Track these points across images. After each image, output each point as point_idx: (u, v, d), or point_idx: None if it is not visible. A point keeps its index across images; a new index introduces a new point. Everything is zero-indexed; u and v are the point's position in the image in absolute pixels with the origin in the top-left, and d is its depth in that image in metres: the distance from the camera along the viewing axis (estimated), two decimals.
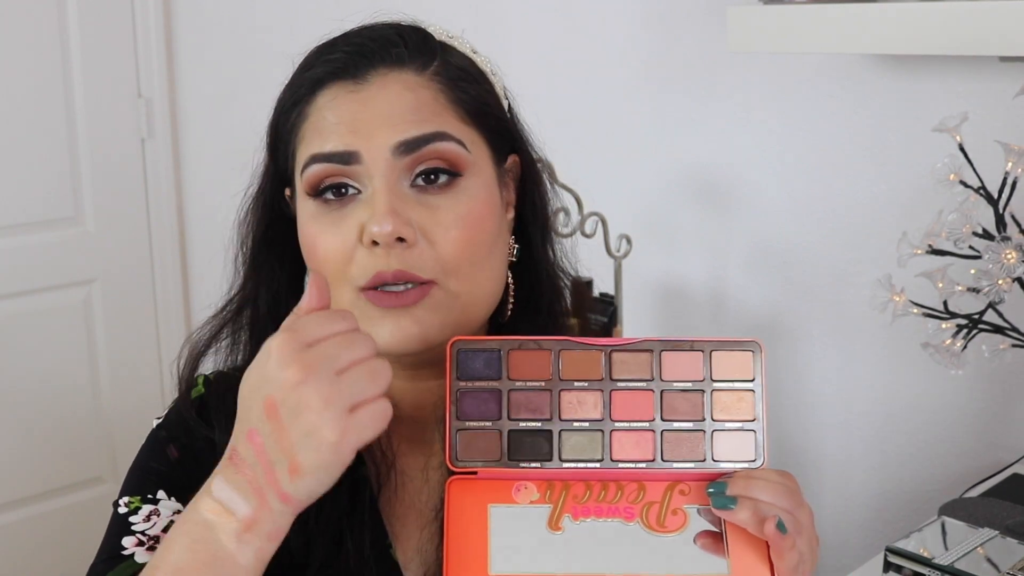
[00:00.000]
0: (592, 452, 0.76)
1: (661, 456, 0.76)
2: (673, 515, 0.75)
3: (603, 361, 0.77)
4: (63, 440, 2.81)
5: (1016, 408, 1.48)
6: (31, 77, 2.68)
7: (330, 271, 0.82)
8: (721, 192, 1.79)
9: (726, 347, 0.77)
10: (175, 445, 0.90)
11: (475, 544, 0.74)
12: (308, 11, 2.46)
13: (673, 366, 0.77)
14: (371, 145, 0.80)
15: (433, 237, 0.80)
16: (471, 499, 0.76)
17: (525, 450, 0.76)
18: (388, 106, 0.81)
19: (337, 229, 0.81)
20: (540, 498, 0.76)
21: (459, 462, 0.76)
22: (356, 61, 0.83)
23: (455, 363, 0.77)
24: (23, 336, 2.74)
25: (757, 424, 0.76)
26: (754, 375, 0.76)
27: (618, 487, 0.76)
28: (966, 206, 1.20)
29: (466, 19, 2.04)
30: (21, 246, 2.72)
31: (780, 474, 0.75)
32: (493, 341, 0.78)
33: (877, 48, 1.37)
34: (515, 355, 0.77)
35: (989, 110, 1.42)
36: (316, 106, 0.83)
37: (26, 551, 2.77)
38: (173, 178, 2.94)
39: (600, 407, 0.76)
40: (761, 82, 1.70)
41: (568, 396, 0.77)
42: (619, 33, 1.88)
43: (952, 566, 1.12)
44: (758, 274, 1.76)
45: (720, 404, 0.76)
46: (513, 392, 0.77)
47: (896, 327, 1.31)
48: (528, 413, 0.76)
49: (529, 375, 0.77)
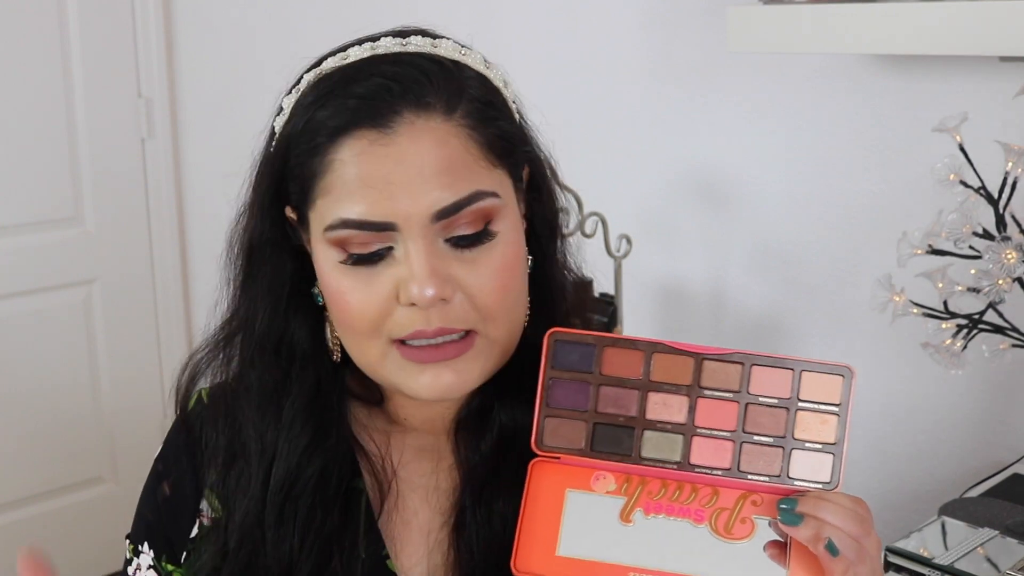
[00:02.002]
0: (671, 454, 0.78)
1: (738, 466, 0.77)
2: (741, 523, 0.76)
3: (693, 368, 0.78)
4: (63, 440, 2.81)
5: (1016, 408, 1.48)
6: (31, 77, 2.69)
7: (362, 327, 0.80)
8: (721, 192, 1.79)
9: (817, 368, 0.77)
10: (168, 482, 0.92)
11: (548, 525, 0.77)
12: (308, 11, 2.46)
13: (761, 381, 0.77)
14: (407, 213, 0.77)
15: (471, 291, 0.79)
16: (551, 482, 0.78)
17: (607, 443, 0.78)
18: (421, 165, 0.77)
19: (369, 287, 0.79)
20: (616, 489, 0.78)
21: (543, 446, 0.79)
22: (380, 107, 0.78)
23: (551, 352, 0.79)
24: (23, 336, 2.74)
25: (837, 448, 0.77)
26: (841, 400, 0.77)
27: (692, 489, 0.77)
28: (966, 206, 1.20)
29: (466, 19, 2.04)
30: (21, 246, 2.72)
31: (853, 500, 0.75)
32: (589, 336, 0.79)
33: (877, 48, 1.37)
34: (609, 352, 0.79)
35: (989, 110, 1.42)
36: (340, 158, 0.79)
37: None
38: (173, 178, 2.94)
39: (684, 411, 0.78)
40: (761, 82, 1.70)
41: (655, 397, 0.78)
42: (619, 33, 1.88)
43: (952, 566, 1.12)
44: (758, 274, 1.76)
45: (803, 424, 0.77)
46: (603, 387, 0.79)
47: (896, 327, 1.31)
48: (615, 408, 0.78)
49: (620, 372, 0.78)
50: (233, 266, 0.89)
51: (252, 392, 0.87)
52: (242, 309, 0.89)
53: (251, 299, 0.88)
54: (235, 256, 0.89)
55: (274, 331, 0.87)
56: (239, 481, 0.87)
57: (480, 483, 0.86)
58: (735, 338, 1.78)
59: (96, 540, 2.81)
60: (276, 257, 0.86)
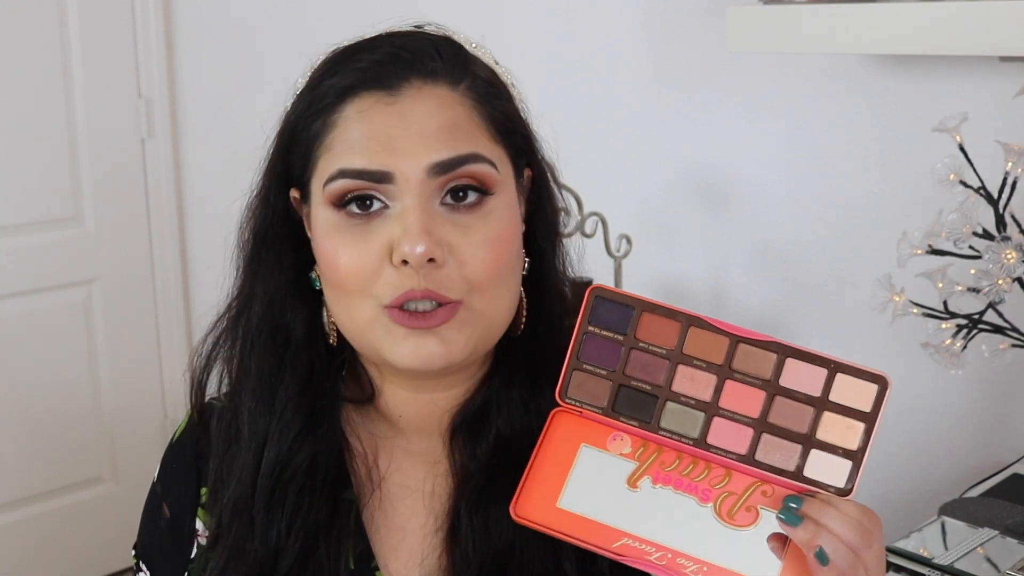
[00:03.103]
0: (690, 429, 0.76)
1: (753, 454, 0.76)
2: (747, 511, 0.75)
3: (728, 348, 0.77)
4: (63, 440, 2.81)
5: (1016, 408, 1.48)
6: (31, 77, 2.68)
7: (352, 285, 0.80)
8: (721, 192, 1.79)
9: (853, 373, 0.75)
10: (167, 503, 0.92)
11: (555, 475, 0.77)
12: (308, 11, 2.46)
13: (794, 374, 0.76)
14: (405, 165, 0.78)
15: (462, 257, 0.80)
16: (568, 433, 0.78)
17: (629, 406, 0.77)
18: (423, 124, 0.79)
19: (363, 244, 0.80)
20: (631, 453, 0.77)
21: (567, 398, 0.78)
22: (389, 71, 0.81)
23: (590, 307, 0.78)
24: (23, 336, 2.74)
25: (858, 456, 0.74)
26: (871, 408, 0.74)
27: (706, 466, 0.76)
28: (966, 206, 1.20)
29: (466, 19, 2.04)
30: (21, 246, 2.72)
31: (862, 511, 0.73)
32: (631, 297, 0.78)
33: (877, 48, 1.37)
34: (647, 317, 0.78)
35: (989, 110, 1.42)
36: (344, 115, 0.81)
37: (26, 551, 2.77)
38: (173, 178, 2.94)
39: (711, 390, 0.76)
40: (761, 82, 1.70)
41: (684, 370, 0.77)
42: (619, 33, 1.88)
43: (952, 566, 1.12)
44: (758, 274, 1.76)
45: (828, 425, 0.75)
46: (635, 351, 0.78)
47: (896, 327, 1.31)
48: (643, 374, 0.77)
49: (654, 340, 0.78)
50: (240, 251, 0.90)
51: (249, 376, 0.88)
52: (244, 293, 0.90)
53: (252, 284, 0.89)
54: (243, 240, 0.90)
55: (271, 316, 0.87)
56: (232, 465, 0.88)
57: (476, 490, 0.85)
58: None
59: (96, 540, 2.81)
60: (280, 243, 0.87)
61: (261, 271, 0.88)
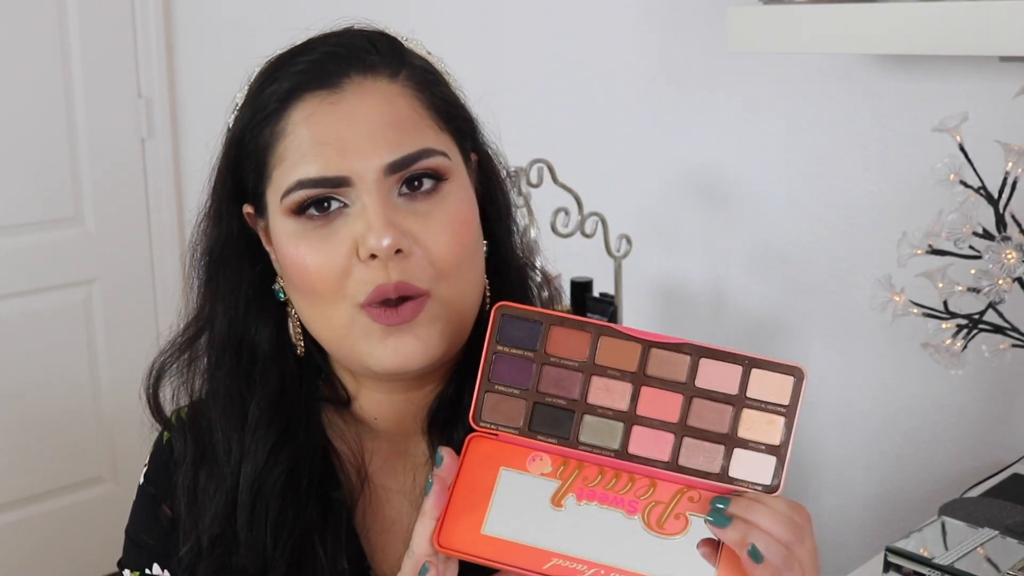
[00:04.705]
0: (610, 441, 0.75)
1: (676, 460, 0.74)
2: (675, 519, 0.74)
3: (640, 355, 0.76)
4: (63, 440, 2.81)
5: (1016, 408, 1.48)
6: (31, 77, 2.69)
7: (324, 288, 0.80)
8: (721, 192, 1.79)
9: (767, 367, 0.74)
10: (167, 504, 0.91)
11: (477, 502, 0.75)
12: (308, 11, 2.46)
13: (709, 374, 0.75)
14: (360, 167, 0.79)
15: (426, 244, 0.80)
16: (486, 458, 0.76)
17: (546, 424, 0.76)
18: (371, 121, 0.80)
19: (327, 245, 0.80)
20: (552, 472, 0.76)
21: (481, 422, 0.77)
22: (328, 68, 0.81)
23: (497, 326, 0.77)
24: (23, 336, 2.74)
25: (781, 451, 0.74)
26: (789, 401, 0.74)
27: (630, 479, 0.75)
28: (966, 206, 1.20)
29: (466, 19, 2.04)
30: (21, 246, 2.72)
31: (791, 506, 0.73)
32: (537, 313, 0.78)
33: (877, 48, 1.37)
34: (556, 331, 0.77)
35: (989, 110, 1.42)
36: (292, 121, 0.81)
37: (26, 551, 2.77)
38: (173, 178, 2.94)
39: (627, 399, 0.75)
40: (761, 82, 1.70)
41: (598, 381, 0.76)
42: (619, 33, 1.88)
43: (952, 566, 1.11)
44: (758, 274, 1.76)
45: (748, 422, 0.74)
46: (546, 366, 0.77)
47: (896, 327, 1.31)
48: (556, 389, 0.76)
49: (565, 353, 0.76)
50: (195, 270, 0.90)
51: (218, 396, 0.88)
52: (204, 312, 0.89)
53: (212, 303, 0.88)
54: (197, 260, 0.89)
55: (234, 334, 0.87)
56: (207, 483, 0.87)
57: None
58: (735, 338, 1.78)
59: (96, 540, 2.81)
60: (236, 261, 0.87)
61: (220, 290, 0.88)
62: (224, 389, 0.87)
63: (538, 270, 0.95)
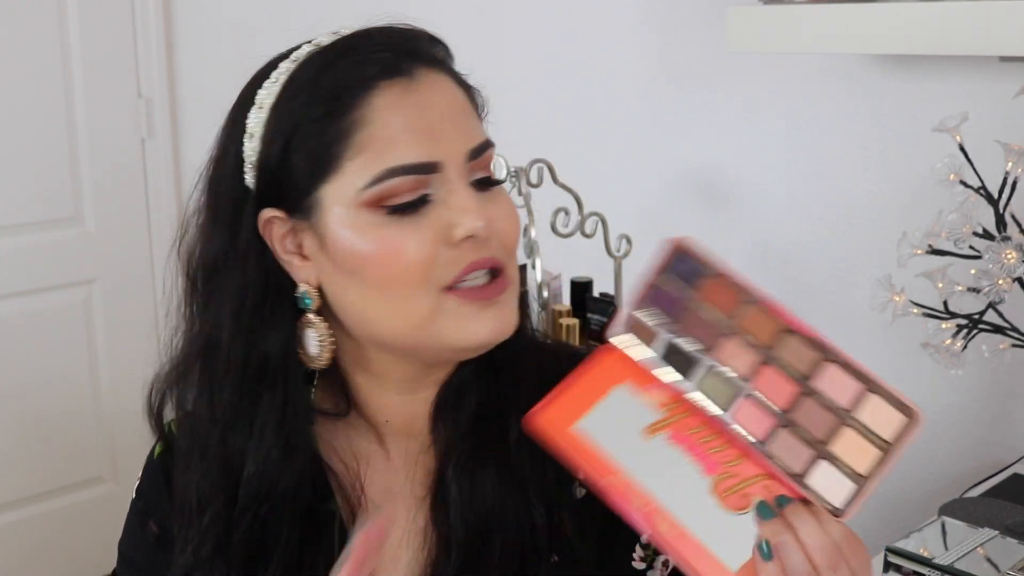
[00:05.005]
0: (719, 400, 0.76)
1: (767, 444, 0.74)
2: (740, 497, 0.73)
3: (775, 333, 0.76)
4: (63, 440, 2.81)
5: (1016, 408, 1.48)
6: (31, 77, 2.68)
7: (411, 277, 0.78)
8: (721, 192, 1.79)
9: (886, 397, 0.72)
10: (154, 520, 0.91)
11: (582, 401, 0.77)
12: (308, 11, 2.46)
13: (829, 379, 0.74)
14: (448, 153, 0.79)
15: (500, 225, 0.82)
16: (610, 369, 0.78)
17: (673, 362, 0.77)
18: (450, 109, 0.81)
19: (419, 233, 0.78)
20: (662, 404, 0.77)
21: (614, 336, 0.79)
22: (401, 58, 0.80)
23: (667, 258, 0.80)
24: (23, 336, 2.74)
25: (864, 482, 0.72)
26: (892, 439, 0.72)
27: (724, 443, 0.75)
28: (966, 206, 1.20)
29: (466, 19, 2.04)
30: (21, 246, 2.72)
31: (846, 536, 0.70)
32: (707, 260, 0.80)
33: (877, 48, 1.37)
34: (714, 282, 0.78)
35: (989, 110, 1.42)
36: (373, 108, 0.78)
37: (26, 551, 2.77)
38: (173, 178, 2.94)
39: (748, 369, 0.76)
40: (761, 82, 1.70)
41: (731, 342, 0.76)
42: (619, 33, 1.88)
43: (952, 566, 1.11)
44: (758, 274, 1.74)
45: (844, 440, 0.72)
46: (693, 310, 0.78)
47: (896, 327, 1.31)
48: (694, 334, 0.77)
49: (714, 304, 0.78)
50: (191, 284, 0.88)
51: (218, 413, 0.85)
52: (209, 323, 0.86)
53: (214, 318, 0.85)
54: (192, 274, 0.88)
55: (239, 349, 0.83)
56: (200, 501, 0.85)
57: (460, 454, 0.85)
58: None
59: (96, 540, 2.80)
60: (243, 268, 0.84)
61: (223, 302, 0.85)
62: (228, 406, 0.84)
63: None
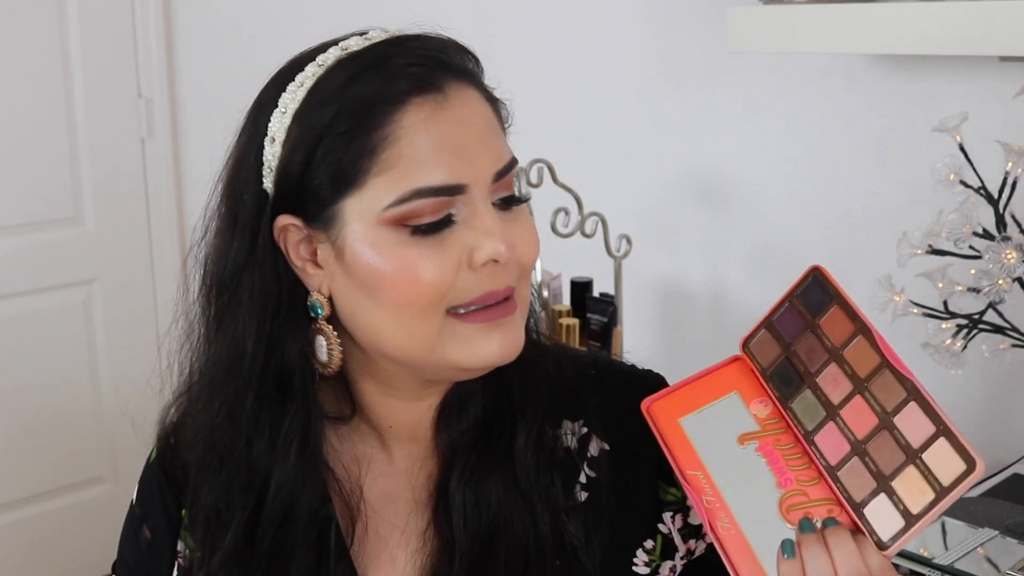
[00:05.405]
0: (808, 421, 0.80)
1: (837, 470, 0.77)
2: (803, 515, 0.76)
3: (873, 368, 0.79)
4: (63, 440, 2.81)
5: (1016, 408, 1.48)
6: (31, 77, 2.68)
7: (429, 298, 0.77)
8: (721, 192, 1.79)
9: (953, 443, 0.73)
10: (147, 525, 0.91)
11: (697, 400, 0.84)
12: (308, 12, 2.46)
13: (909, 417, 0.76)
14: (476, 174, 0.77)
15: (520, 248, 0.80)
16: (732, 376, 0.86)
17: (780, 377, 0.83)
18: (479, 128, 0.78)
19: (442, 255, 0.76)
20: (764, 417, 0.83)
21: (747, 348, 0.87)
22: (433, 72, 0.77)
23: (804, 283, 0.85)
24: (23, 336, 2.74)
25: (913, 521, 0.73)
26: (948, 484, 0.73)
27: (807, 463, 0.79)
28: (966, 206, 1.20)
29: (466, 19, 2.04)
30: (21, 246, 2.72)
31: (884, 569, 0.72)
32: (834, 289, 0.84)
33: (877, 48, 1.37)
34: (835, 311, 0.83)
35: (989, 110, 1.42)
36: (403, 125, 0.76)
37: (26, 551, 2.77)
38: (173, 178, 2.94)
39: (842, 397, 0.79)
40: (761, 82, 1.70)
41: (833, 369, 0.81)
42: (619, 33, 1.88)
43: (952, 566, 1.12)
44: (758, 274, 1.76)
45: (907, 479, 0.74)
46: (811, 334, 0.83)
47: (896, 327, 1.31)
48: (804, 355, 0.83)
49: (829, 332, 0.82)
50: (208, 295, 0.84)
51: (241, 422, 0.83)
52: (227, 337, 0.83)
53: (236, 326, 0.82)
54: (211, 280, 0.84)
55: (261, 356, 0.82)
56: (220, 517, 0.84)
57: (466, 464, 0.85)
58: (735, 338, 1.78)
59: (96, 540, 2.80)
60: (265, 276, 0.81)
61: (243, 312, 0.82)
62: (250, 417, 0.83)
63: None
